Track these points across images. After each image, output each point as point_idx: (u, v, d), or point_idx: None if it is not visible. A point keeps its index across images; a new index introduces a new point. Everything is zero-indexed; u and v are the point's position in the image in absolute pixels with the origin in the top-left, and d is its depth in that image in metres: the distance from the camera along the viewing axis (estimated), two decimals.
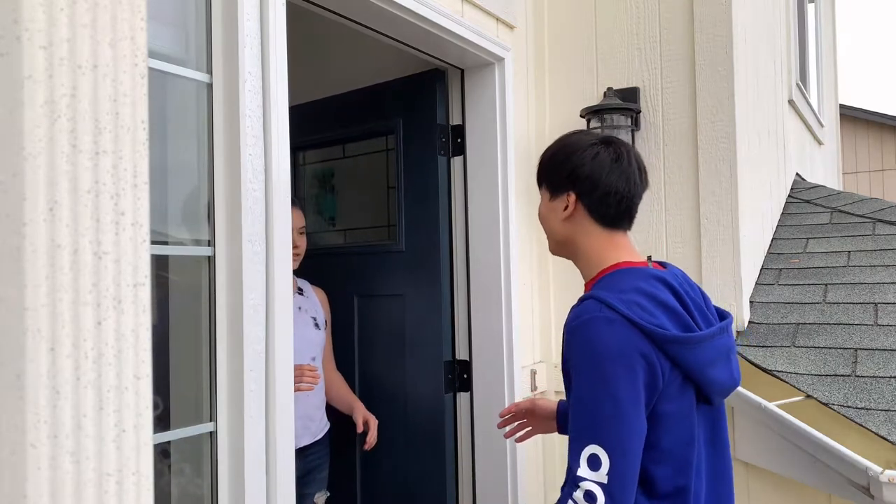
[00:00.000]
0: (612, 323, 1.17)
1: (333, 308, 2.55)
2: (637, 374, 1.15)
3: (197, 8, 1.41)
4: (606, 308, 1.18)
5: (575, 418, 1.17)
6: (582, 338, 1.19)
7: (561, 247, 1.40)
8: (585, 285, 1.38)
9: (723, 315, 1.36)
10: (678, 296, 1.27)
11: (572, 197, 1.33)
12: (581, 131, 1.41)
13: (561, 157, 1.36)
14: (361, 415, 2.34)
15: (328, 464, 2.36)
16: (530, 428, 1.68)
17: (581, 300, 1.25)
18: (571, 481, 1.14)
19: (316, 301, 2.41)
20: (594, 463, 1.12)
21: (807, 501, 2.13)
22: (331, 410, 2.40)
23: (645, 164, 1.38)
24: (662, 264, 1.38)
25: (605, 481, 1.11)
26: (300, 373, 2.00)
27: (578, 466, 1.13)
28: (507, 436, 1.70)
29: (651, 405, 1.18)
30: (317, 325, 2.33)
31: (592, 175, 1.30)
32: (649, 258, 1.39)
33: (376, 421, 2.34)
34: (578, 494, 1.12)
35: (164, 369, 1.39)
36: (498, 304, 2.35)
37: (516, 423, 1.69)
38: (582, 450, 1.14)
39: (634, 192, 1.33)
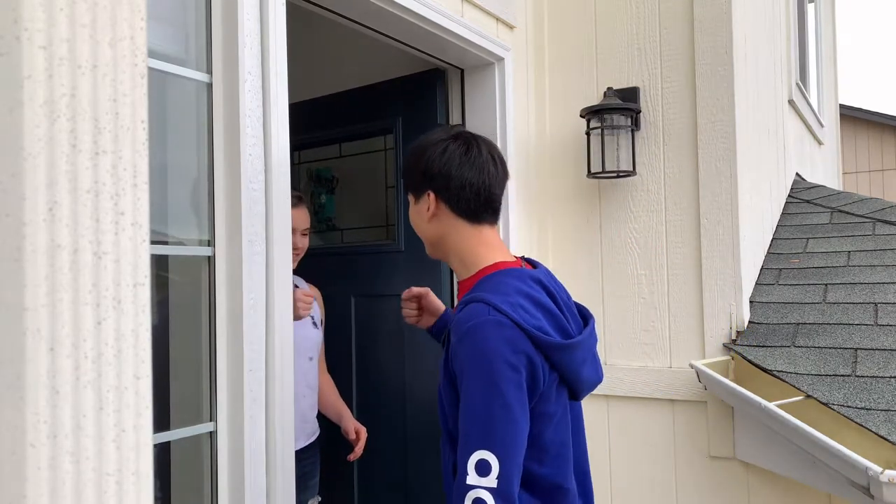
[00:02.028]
0: (501, 326, 1.17)
1: (332, 309, 2.55)
2: (522, 376, 1.17)
3: (197, 8, 1.41)
4: (495, 311, 1.19)
5: (464, 424, 1.17)
6: (472, 342, 1.18)
7: (434, 248, 1.40)
8: (460, 283, 1.39)
9: (583, 311, 1.40)
10: (552, 296, 1.30)
11: (431, 196, 1.33)
12: (434, 130, 1.41)
13: (414, 158, 1.36)
14: (353, 424, 2.27)
15: (319, 469, 2.29)
16: (420, 317, 1.66)
17: (466, 303, 1.25)
18: (459, 491, 1.13)
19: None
20: (483, 468, 1.12)
21: (807, 501, 2.13)
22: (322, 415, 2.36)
23: (502, 155, 1.38)
24: (531, 262, 1.40)
25: (496, 485, 1.11)
26: (296, 299, 1.88)
27: (467, 474, 1.13)
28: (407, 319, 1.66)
29: (531, 406, 1.20)
30: (315, 325, 2.31)
31: (443, 170, 1.31)
32: (521, 258, 1.40)
33: (366, 432, 2.27)
34: (467, 503, 1.12)
35: (164, 369, 1.39)
36: None
37: (414, 307, 1.66)
38: (470, 456, 1.13)
39: (490, 183, 1.33)
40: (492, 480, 1.11)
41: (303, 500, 2.20)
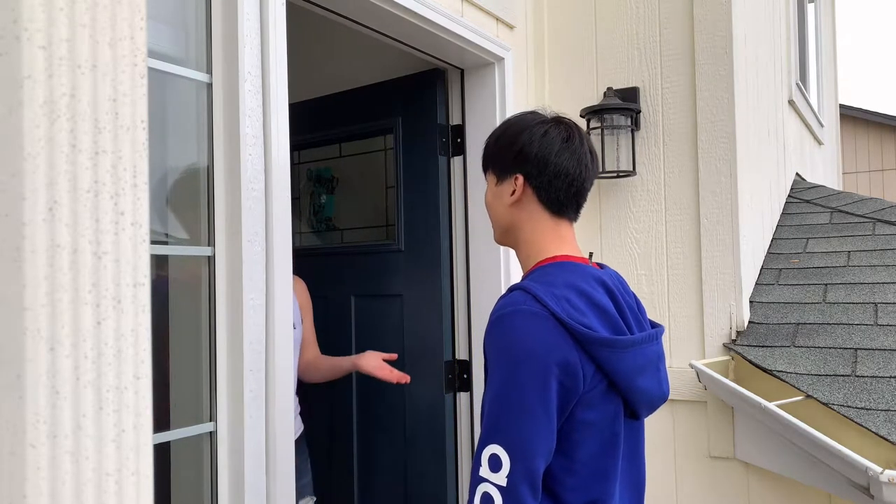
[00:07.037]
0: (536, 318, 1.09)
1: (331, 308, 2.53)
2: (552, 375, 1.08)
3: (197, 8, 1.41)
4: (533, 300, 1.10)
5: (485, 415, 1.12)
6: (501, 330, 1.11)
7: (505, 235, 1.31)
8: (523, 277, 1.29)
9: (655, 326, 1.30)
10: (614, 298, 1.20)
11: (520, 180, 1.23)
12: (529, 111, 1.31)
13: (508, 137, 1.26)
14: (369, 362, 2.12)
15: (309, 469, 2.19)
16: None
17: (509, 290, 1.18)
18: (472, 479, 1.09)
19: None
20: (495, 464, 1.07)
21: (807, 501, 2.13)
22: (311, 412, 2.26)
23: (595, 150, 1.30)
24: (599, 265, 1.32)
25: (505, 484, 1.06)
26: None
27: (480, 466, 1.08)
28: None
29: (568, 411, 1.11)
30: (293, 326, 2.14)
31: (541, 154, 1.22)
32: (591, 254, 1.32)
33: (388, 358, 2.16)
34: (476, 496, 1.07)
35: (164, 369, 1.39)
36: None
37: None
38: (484, 448, 1.09)
39: (585, 176, 1.24)
40: (501, 478, 1.06)
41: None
